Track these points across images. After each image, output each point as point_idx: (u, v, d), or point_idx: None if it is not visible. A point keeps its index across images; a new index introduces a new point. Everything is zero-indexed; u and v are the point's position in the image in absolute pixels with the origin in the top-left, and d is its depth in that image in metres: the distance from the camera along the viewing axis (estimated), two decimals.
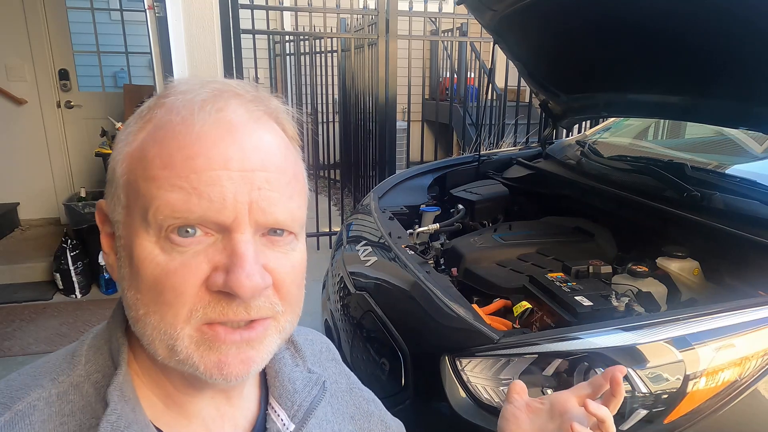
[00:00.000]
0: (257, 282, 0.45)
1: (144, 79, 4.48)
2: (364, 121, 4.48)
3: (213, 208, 0.44)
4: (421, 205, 2.25)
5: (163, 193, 0.44)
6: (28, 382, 0.50)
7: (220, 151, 0.44)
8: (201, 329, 0.46)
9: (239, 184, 0.44)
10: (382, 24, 3.81)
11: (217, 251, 0.45)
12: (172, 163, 0.44)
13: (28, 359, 2.74)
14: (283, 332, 0.51)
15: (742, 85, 1.58)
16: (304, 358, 0.66)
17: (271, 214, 0.46)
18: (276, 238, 0.48)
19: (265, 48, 5.61)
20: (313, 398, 0.61)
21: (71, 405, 0.48)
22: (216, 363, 0.46)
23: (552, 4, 1.81)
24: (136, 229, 0.46)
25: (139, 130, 0.48)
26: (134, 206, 0.46)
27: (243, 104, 0.48)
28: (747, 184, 1.61)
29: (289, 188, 0.48)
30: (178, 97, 0.47)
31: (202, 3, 2.83)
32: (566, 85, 2.34)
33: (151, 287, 0.45)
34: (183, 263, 0.44)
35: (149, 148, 0.46)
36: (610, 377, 0.62)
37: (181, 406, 0.52)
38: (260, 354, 0.48)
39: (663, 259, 1.53)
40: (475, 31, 4.38)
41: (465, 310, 1.30)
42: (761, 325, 1.09)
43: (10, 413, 0.47)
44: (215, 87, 0.48)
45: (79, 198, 3.71)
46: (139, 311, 0.46)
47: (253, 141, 0.46)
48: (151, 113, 0.49)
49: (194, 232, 0.44)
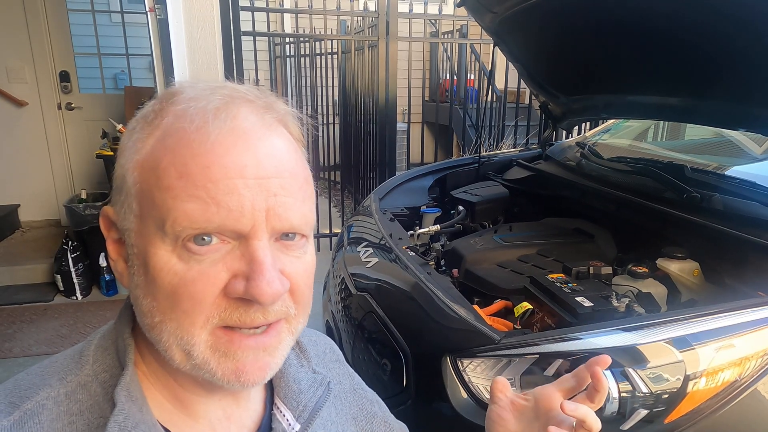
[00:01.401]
0: (277, 288, 0.45)
1: (145, 81, 4.50)
2: (365, 123, 4.49)
3: (231, 216, 0.44)
4: (421, 206, 2.25)
5: (180, 203, 0.44)
6: (37, 382, 0.50)
7: (235, 159, 0.45)
8: (216, 333, 0.46)
9: (256, 191, 0.45)
10: (382, 26, 3.82)
11: (236, 258, 0.45)
12: (187, 172, 0.44)
13: (29, 360, 2.74)
14: (295, 333, 0.51)
15: (741, 87, 1.59)
16: (309, 358, 0.66)
17: (287, 219, 0.47)
18: (289, 242, 0.49)
19: (266, 50, 5.62)
20: (318, 399, 0.61)
21: (79, 404, 0.49)
22: (233, 370, 0.46)
23: (552, 6, 1.82)
24: (151, 238, 0.46)
25: (147, 137, 0.48)
26: (148, 216, 0.46)
27: (255, 111, 0.48)
28: (746, 185, 1.61)
29: (302, 192, 0.49)
30: (189, 104, 0.47)
31: (203, 5, 2.84)
32: (566, 87, 2.35)
33: (168, 295, 0.45)
34: (201, 272, 0.44)
35: (162, 157, 0.46)
36: (591, 371, 0.60)
37: (188, 406, 0.53)
38: (276, 360, 0.49)
39: (663, 260, 1.54)
40: (475, 32, 4.39)
41: (466, 311, 1.30)
42: (761, 326, 1.10)
43: (19, 412, 0.47)
44: (225, 93, 0.48)
45: (79, 199, 3.71)
46: (155, 318, 0.46)
47: (266, 148, 0.47)
48: (159, 119, 0.48)
49: (210, 240, 0.45)
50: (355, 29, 4.73)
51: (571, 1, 1.77)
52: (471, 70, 5.62)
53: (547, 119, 2.60)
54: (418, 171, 2.61)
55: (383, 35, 3.83)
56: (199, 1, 2.82)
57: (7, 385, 0.51)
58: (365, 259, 1.77)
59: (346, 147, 5.28)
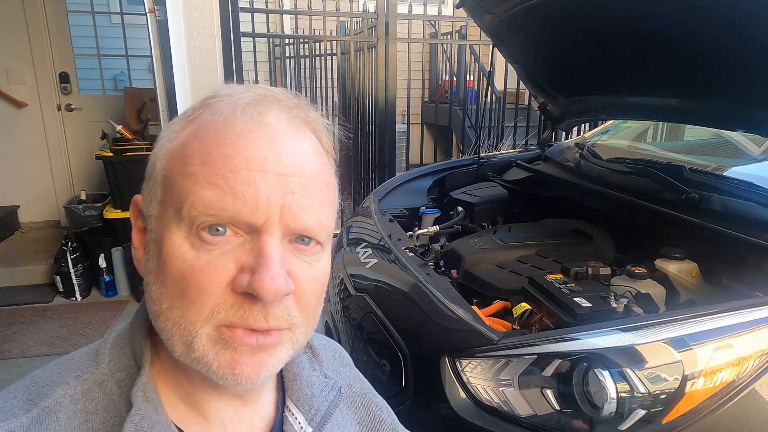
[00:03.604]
0: (280, 285, 0.45)
1: (144, 82, 4.49)
2: (364, 124, 4.49)
3: (246, 208, 0.44)
4: (420, 207, 2.25)
5: (199, 189, 0.45)
6: (54, 379, 0.50)
7: (257, 153, 0.45)
8: (220, 329, 0.46)
9: (273, 186, 0.45)
10: (382, 27, 3.83)
11: (245, 252, 0.46)
12: (210, 160, 0.45)
13: (29, 362, 2.74)
14: (296, 343, 0.51)
15: (739, 88, 1.59)
16: (321, 362, 0.66)
17: (301, 219, 0.47)
18: (303, 247, 0.49)
19: (265, 51, 5.62)
20: (330, 403, 0.61)
21: (95, 402, 0.49)
22: (229, 362, 0.46)
23: (550, 8, 1.82)
24: (169, 223, 0.47)
25: (182, 129, 0.50)
26: (169, 201, 0.47)
27: (284, 110, 0.49)
28: (745, 186, 1.61)
29: (321, 196, 0.49)
30: (223, 99, 0.49)
31: (203, 6, 2.84)
32: (565, 88, 2.35)
33: (176, 282, 0.46)
34: (210, 261, 0.45)
35: (189, 145, 0.47)
36: None
37: (201, 406, 0.53)
38: (272, 359, 0.49)
39: (661, 261, 1.54)
40: (474, 34, 4.39)
41: (465, 312, 1.31)
42: (759, 326, 1.10)
43: (37, 409, 0.47)
44: (258, 92, 0.50)
45: (79, 201, 3.72)
46: (162, 305, 0.47)
47: (290, 146, 0.47)
48: (195, 113, 0.50)
49: (224, 231, 0.45)
50: (354, 30, 4.74)
51: (569, 3, 1.77)
52: (470, 71, 5.62)
53: (546, 120, 2.60)
54: (418, 172, 2.61)
55: (382, 36, 3.84)
56: (198, 3, 2.82)
57: (24, 382, 0.51)
58: (364, 259, 1.77)
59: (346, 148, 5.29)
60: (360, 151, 4.72)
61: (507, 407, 1.14)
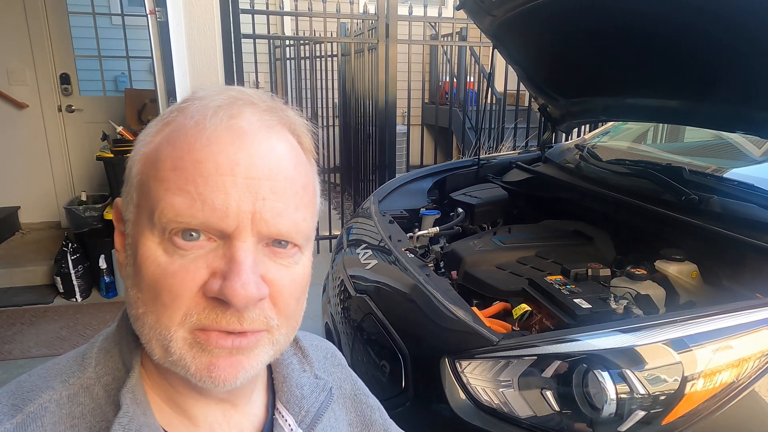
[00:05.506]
0: (251, 291, 0.44)
1: (145, 84, 4.50)
2: (364, 125, 4.49)
3: (215, 215, 0.44)
4: (421, 208, 2.25)
5: (170, 195, 0.44)
6: (39, 384, 0.50)
7: (227, 157, 0.44)
8: (194, 333, 0.46)
9: (244, 192, 0.44)
10: (382, 28, 3.83)
11: (218, 257, 0.45)
12: (182, 165, 0.45)
13: (29, 362, 2.74)
14: (276, 345, 0.50)
15: (740, 90, 1.59)
16: (311, 363, 0.66)
17: (275, 225, 0.46)
18: (279, 250, 0.48)
19: (266, 52, 5.62)
20: (321, 404, 0.61)
21: (82, 407, 0.49)
22: (206, 365, 0.46)
23: (551, 10, 1.82)
24: (143, 228, 0.46)
25: (157, 132, 0.49)
26: (144, 206, 0.47)
27: (257, 113, 0.48)
28: (745, 187, 1.62)
29: (296, 199, 0.48)
30: (195, 102, 0.48)
31: (203, 8, 2.84)
32: (565, 89, 2.35)
33: (150, 287, 0.45)
34: (182, 266, 0.44)
35: (162, 150, 0.47)
36: None
37: (187, 410, 0.52)
38: (250, 361, 0.48)
39: (661, 262, 1.54)
40: (474, 35, 4.40)
41: (464, 313, 1.31)
42: (758, 327, 1.10)
43: (21, 415, 0.47)
44: (231, 95, 0.49)
45: (79, 202, 3.72)
46: (138, 309, 0.47)
47: (262, 149, 0.46)
48: (170, 116, 0.49)
49: (198, 237, 0.45)
50: (354, 32, 4.74)
51: (569, 4, 1.78)
52: (470, 73, 5.63)
53: (546, 121, 2.60)
54: (418, 173, 2.61)
55: (383, 38, 3.84)
56: (199, 4, 2.83)
57: (9, 387, 0.51)
58: (364, 261, 1.77)
59: (346, 149, 5.29)
60: (360, 153, 4.72)
61: (507, 408, 1.15)
